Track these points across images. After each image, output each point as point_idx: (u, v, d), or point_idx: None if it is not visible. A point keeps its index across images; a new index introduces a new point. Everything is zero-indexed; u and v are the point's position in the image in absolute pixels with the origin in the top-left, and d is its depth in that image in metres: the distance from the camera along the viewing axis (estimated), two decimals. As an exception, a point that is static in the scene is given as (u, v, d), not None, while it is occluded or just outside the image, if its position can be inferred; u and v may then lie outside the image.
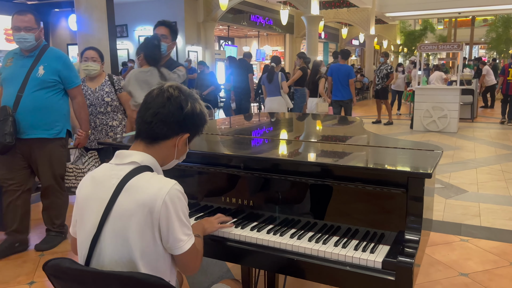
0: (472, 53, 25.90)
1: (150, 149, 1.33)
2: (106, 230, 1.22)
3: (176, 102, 1.30)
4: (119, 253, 1.20)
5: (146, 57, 3.09)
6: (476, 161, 6.20)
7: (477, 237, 3.48)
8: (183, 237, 1.24)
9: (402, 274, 1.38)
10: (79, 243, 1.30)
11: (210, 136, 2.50)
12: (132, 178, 1.23)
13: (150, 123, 1.30)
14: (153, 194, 1.20)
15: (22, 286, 2.79)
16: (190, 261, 1.31)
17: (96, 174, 1.32)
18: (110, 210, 1.21)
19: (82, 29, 4.93)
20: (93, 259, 1.24)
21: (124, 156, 1.30)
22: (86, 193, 1.29)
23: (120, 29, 13.08)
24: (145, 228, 1.20)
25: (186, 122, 1.33)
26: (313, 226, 1.70)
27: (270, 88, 6.57)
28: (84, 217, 1.28)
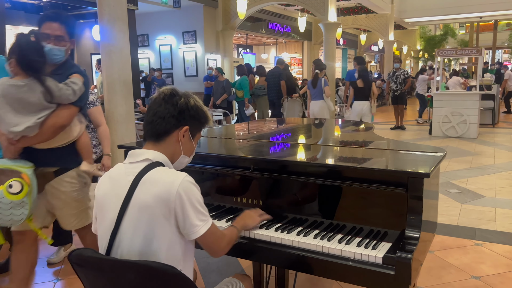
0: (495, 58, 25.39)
1: (158, 146, 1.46)
2: (124, 223, 1.34)
3: (170, 99, 1.47)
4: (137, 243, 1.32)
5: (20, 64, 2.10)
6: (495, 166, 6.14)
7: (492, 242, 3.47)
8: (198, 222, 1.36)
9: (401, 269, 1.45)
10: (100, 237, 1.42)
11: (225, 140, 2.61)
12: (146, 173, 1.36)
13: (152, 122, 1.45)
14: (167, 186, 1.32)
15: (47, 283, 2.94)
16: (212, 243, 1.44)
17: (112, 173, 1.46)
18: (128, 203, 1.34)
19: (105, 39, 5.12)
20: (112, 250, 1.36)
21: (137, 155, 1.44)
22: (104, 191, 1.42)
23: (142, 39, 13.43)
24: (161, 218, 1.32)
25: (181, 115, 1.46)
26: (319, 224, 1.78)
27: (314, 93, 7.08)
28: (103, 213, 1.41)
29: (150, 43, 13.56)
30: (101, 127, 3.03)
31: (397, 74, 9.85)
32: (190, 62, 12.82)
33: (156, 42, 13.44)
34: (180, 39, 12.96)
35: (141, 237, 1.32)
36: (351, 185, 1.71)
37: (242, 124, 4.32)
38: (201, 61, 12.68)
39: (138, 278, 1.20)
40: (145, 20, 12.75)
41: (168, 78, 13.09)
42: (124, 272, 1.21)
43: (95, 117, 3.00)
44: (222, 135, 2.89)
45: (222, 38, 13.05)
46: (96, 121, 3.02)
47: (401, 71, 9.87)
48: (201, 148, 2.39)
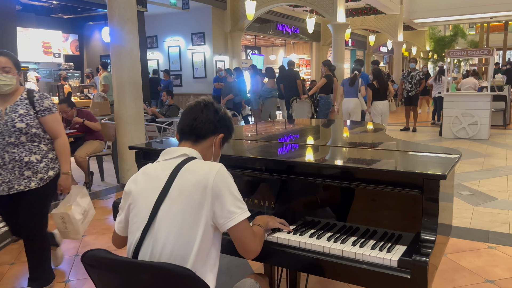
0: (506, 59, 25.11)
1: (194, 147, 1.53)
2: (160, 213, 1.36)
3: (212, 107, 1.58)
4: (172, 234, 1.33)
5: None
6: (507, 168, 6.06)
7: (505, 245, 3.42)
8: (237, 209, 1.39)
9: (417, 273, 1.42)
10: (131, 232, 1.43)
11: (235, 141, 2.60)
12: (185, 165, 1.42)
13: (192, 126, 1.53)
14: (205, 174, 1.38)
15: (59, 284, 2.95)
16: (248, 237, 1.44)
17: (148, 170, 1.49)
18: (166, 194, 1.37)
19: (115, 40, 5.16)
20: (143, 246, 1.36)
21: (173, 152, 1.49)
22: (141, 187, 1.44)
23: (151, 40, 13.49)
24: (196, 205, 1.35)
25: (220, 123, 1.57)
26: (333, 227, 1.76)
27: (349, 90, 7.55)
28: (138, 207, 1.42)
29: (159, 44, 13.63)
30: (58, 139, 2.68)
31: (412, 74, 9.70)
32: (198, 64, 12.86)
33: (165, 44, 13.51)
34: (188, 40, 13.01)
35: (176, 227, 1.34)
36: (364, 186, 1.69)
37: (251, 125, 4.31)
38: (209, 62, 12.71)
39: (152, 280, 1.19)
40: (154, 22, 12.82)
41: (177, 80, 13.14)
42: (138, 273, 1.20)
43: (51, 126, 2.63)
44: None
45: (231, 39, 13.07)
46: (53, 131, 2.65)
47: (417, 71, 9.74)
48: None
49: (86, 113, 5.39)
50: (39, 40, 10.51)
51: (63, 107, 5.23)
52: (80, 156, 5.19)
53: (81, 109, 5.44)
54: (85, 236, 3.81)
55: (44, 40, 10.69)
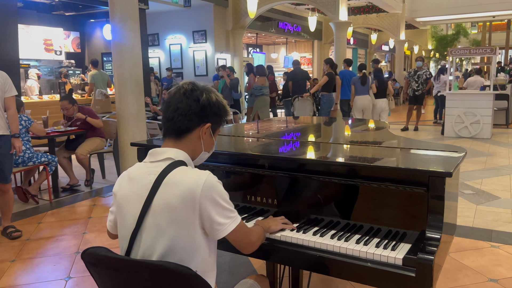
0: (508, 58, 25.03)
1: (179, 144, 1.41)
2: (146, 224, 1.30)
3: (192, 95, 1.40)
4: (158, 245, 1.28)
5: None
6: (510, 167, 6.03)
7: (509, 244, 3.40)
8: (225, 220, 1.32)
9: (422, 271, 1.40)
10: (120, 238, 1.38)
11: (237, 138, 2.58)
12: (169, 173, 1.32)
13: (172, 119, 1.39)
14: (191, 186, 1.27)
15: (59, 281, 2.94)
16: (242, 237, 1.40)
17: (132, 173, 1.40)
18: (150, 204, 1.30)
19: (116, 38, 5.13)
20: (133, 251, 1.32)
21: (158, 154, 1.38)
22: (125, 192, 1.38)
23: (152, 38, 13.46)
24: (184, 220, 1.27)
25: (204, 112, 1.41)
26: (336, 224, 1.74)
27: (361, 88, 7.93)
28: (123, 213, 1.36)
29: (161, 42, 13.60)
30: None
31: (419, 73, 9.59)
32: (200, 62, 12.83)
33: (166, 42, 13.48)
34: (190, 38, 12.98)
35: (163, 238, 1.28)
36: (368, 184, 1.67)
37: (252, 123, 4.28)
38: (211, 60, 12.68)
39: (153, 279, 1.17)
40: (155, 19, 12.79)
41: (178, 77, 13.10)
42: (139, 272, 1.18)
43: None
44: (235, 134, 2.85)
45: (232, 37, 13.04)
46: None
47: (424, 70, 9.61)
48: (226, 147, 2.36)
49: (88, 110, 5.38)
50: (40, 37, 10.49)
51: (64, 104, 5.22)
52: (81, 153, 5.17)
53: (83, 107, 5.43)
54: (87, 234, 3.80)
55: (46, 37, 10.67)
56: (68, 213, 4.43)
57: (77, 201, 4.89)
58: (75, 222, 4.14)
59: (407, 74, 10.34)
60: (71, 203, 4.80)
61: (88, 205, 4.73)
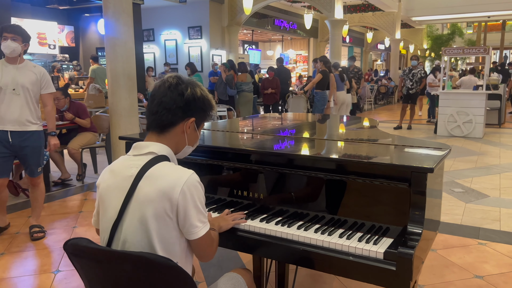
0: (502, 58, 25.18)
1: (162, 138, 1.41)
2: (127, 216, 1.31)
3: (176, 89, 1.39)
4: (138, 237, 1.29)
5: None
6: (500, 166, 6.08)
7: (496, 241, 3.43)
8: (199, 223, 1.32)
9: (403, 265, 1.42)
10: (102, 230, 1.39)
11: (227, 133, 2.59)
12: (151, 167, 1.32)
13: (156, 113, 1.39)
14: (172, 182, 1.28)
15: (47, 274, 2.94)
16: (206, 247, 1.40)
17: (115, 166, 1.41)
18: (131, 197, 1.30)
19: (109, 32, 5.11)
20: (113, 243, 1.33)
21: (142, 147, 1.39)
22: (107, 185, 1.38)
23: (147, 33, 13.42)
24: (163, 214, 1.28)
25: (188, 106, 1.40)
26: (321, 219, 1.76)
27: (341, 85, 8.60)
28: (105, 206, 1.37)
29: (156, 37, 13.57)
30: None
31: (414, 72, 9.62)
32: (195, 58, 12.81)
33: (162, 37, 13.44)
34: (185, 34, 12.95)
35: (142, 231, 1.29)
36: (353, 179, 1.69)
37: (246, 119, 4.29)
38: (206, 56, 12.66)
39: (134, 270, 1.18)
40: (150, 15, 12.74)
41: (173, 73, 13.06)
42: (120, 263, 1.19)
43: None
44: (225, 129, 2.87)
45: (228, 34, 13.02)
46: None
47: (418, 69, 9.65)
48: (202, 141, 2.37)
49: (78, 105, 5.34)
50: (34, 31, 10.43)
51: (57, 94, 5.18)
52: (73, 148, 5.16)
53: (74, 101, 5.39)
54: (77, 228, 3.80)
55: (39, 31, 10.62)
56: (58, 207, 4.42)
57: (68, 195, 4.88)
58: (65, 216, 4.14)
59: (401, 73, 10.37)
60: (62, 197, 4.79)
61: (79, 199, 4.72)
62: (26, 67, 3.41)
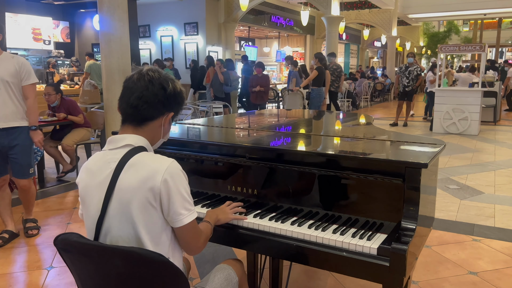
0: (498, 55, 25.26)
1: (138, 131, 1.38)
2: (111, 209, 1.29)
3: (158, 83, 1.36)
4: (124, 230, 1.28)
5: None
6: (495, 163, 6.10)
7: (490, 238, 3.44)
8: (183, 211, 1.31)
9: (396, 260, 1.42)
10: (87, 227, 1.37)
11: (221, 128, 2.57)
12: (131, 158, 1.31)
13: (136, 107, 1.35)
14: (152, 171, 1.26)
15: (40, 270, 2.92)
16: (192, 238, 1.38)
17: (92, 163, 1.38)
18: (113, 189, 1.28)
19: (104, 28, 5.08)
20: (100, 238, 1.32)
21: (117, 141, 1.36)
22: (85, 184, 1.36)
23: (143, 29, 13.35)
24: (146, 204, 1.26)
25: (169, 101, 1.39)
26: (315, 215, 1.75)
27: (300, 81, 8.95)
28: (86, 203, 1.36)
29: (152, 34, 13.50)
30: None
31: (410, 69, 9.61)
32: (191, 54, 12.77)
33: (158, 33, 13.38)
34: (181, 30, 12.90)
35: (128, 222, 1.28)
36: (347, 175, 1.68)
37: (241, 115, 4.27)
38: (202, 53, 12.62)
39: (125, 265, 1.17)
40: (146, 11, 12.68)
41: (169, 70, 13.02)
42: (111, 258, 1.18)
43: None
44: (218, 124, 2.85)
45: (224, 30, 12.98)
46: None
47: (415, 67, 9.65)
48: (196, 136, 2.35)
49: (69, 102, 5.28)
50: (28, 26, 10.34)
51: (48, 90, 5.13)
52: (67, 144, 5.13)
53: (65, 98, 5.32)
54: (71, 224, 3.78)
55: (34, 26, 10.53)
56: (53, 203, 4.40)
57: (62, 191, 4.85)
58: (60, 212, 4.12)
59: (398, 70, 10.35)
60: (57, 193, 4.76)
61: (74, 195, 4.70)
62: (4, 59, 3.18)
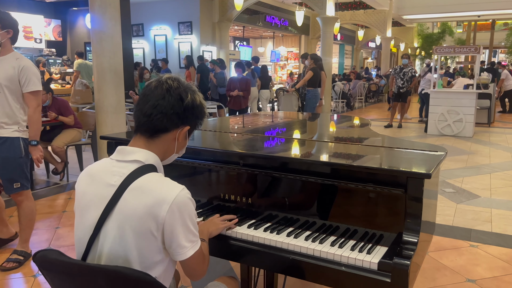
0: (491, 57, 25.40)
1: (151, 143, 1.29)
2: (107, 228, 1.20)
3: (176, 93, 1.27)
4: (117, 252, 1.19)
5: None
6: (490, 166, 6.07)
7: (487, 243, 3.39)
8: (187, 244, 1.21)
9: (398, 276, 1.35)
10: (77, 239, 1.27)
11: (215, 133, 2.49)
12: (137, 178, 1.20)
13: (150, 116, 1.26)
14: (160, 198, 1.17)
15: (28, 278, 2.82)
16: (196, 266, 1.29)
17: (95, 169, 1.28)
18: (113, 208, 1.19)
19: (96, 26, 4.96)
20: (89, 256, 1.23)
21: (127, 153, 1.26)
22: (85, 191, 1.27)
23: (136, 28, 13.21)
24: (146, 232, 1.17)
25: (186, 114, 1.30)
26: (311, 225, 1.67)
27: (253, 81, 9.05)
28: (83, 213, 1.26)
29: (145, 33, 13.37)
30: None
31: (404, 70, 9.57)
32: (185, 53, 12.64)
33: (151, 32, 13.25)
34: (175, 29, 12.78)
35: (122, 246, 1.18)
36: (345, 184, 1.60)
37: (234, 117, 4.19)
38: (196, 52, 12.50)
39: (109, 285, 1.08)
40: (140, 10, 12.55)
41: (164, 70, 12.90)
42: (94, 278, 1.09)
43: None
44: (212, 128, 2.77)
45: (219, 29, 12.88)
46: None
47: (409, 68, 9.61)
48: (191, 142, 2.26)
49: (61, 102, 5.17)
50: (19, 24, 10.17)
51: None
52: (57, 145, 5.01)
53: (56, 98, 5.22)
54: (59, 228, 3.68)
55: (25, 24, 10.37)
56: (41, 207, 4.28)
57: (52, 194, 4.74)
58: (48, 216, 4.01)
59: (392, 71, 10.30)
60: (46, 196, 4.65)
61: (63, 198, 4.59)
62: (7, 60, 2.89)
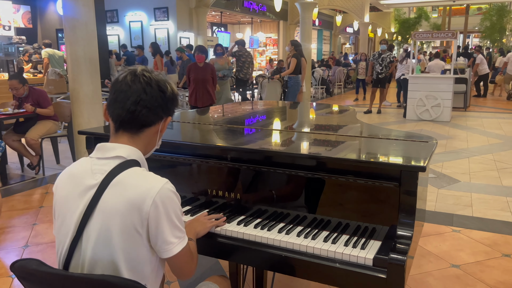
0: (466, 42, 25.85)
1: (135, 139, 1.23)
2: (89, 229, 1.13)
3: (157, 86, 1.22)
4: (101, 254, 1.12)
5: None
6: (468, 150, 6.18)
7: (469, 228, 3.45)
8: (173, 239, 1.16)
9: (394, 272, 1.32)
10: (58, 244, 1.20)
11: (200, 126, 2.41)
12: (119, 173, 1.14)
13: (134, 112, 1.19)
14: (142, 192, 1.12)
15: (4, 278, 2.71)
16: (184, 264, 1.23)
17: (75, 170, 1.21)
18: (94, 207, 1.12)
19: (68, 13, 4.75)
20: (72, 262, 1.15)
21: (108, 150, 1.20)
22: (65, 193, 1.19)
23: (110, 14, 12.82)
24: (131, 229, 1.11)
25: (168, 105, 1.26)
26: (303, 220, 1.63)
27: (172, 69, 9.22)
28: (63, 218, 1.18)
29: (120, 19, 12.99)
30: None
31: (383, 56, 9.60)
32: (162, 40, 12.36)
33: (126, 18, 12.88)
34: (151, 15, 12.45)
35: (106, 246, 1.11)
36: (336, 178, 1.56)
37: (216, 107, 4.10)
38: (173, 39, 12.24)
39: (94, 295, 1.01)
40: (114, -5, 12.15)
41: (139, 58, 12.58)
42: None
43: None
44: (195, 120, 2.68)
45: (196, 15, 12.62)
46: None
47: (388, 53, 9.64)
48: (173, 135, 2.18)
49: (39, 92, 4.98)
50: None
51: (14, 84, 4.81)
52: (32, 138, 4.82)
53: (34, 87, 5.02)
54: (37, 225, 3.55)
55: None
56: (17, 202, 4.13)
57: (28, 188, 4.58)
58: (24, 212, 3.86)
59: (371, 57, 10.32)
60: (21, 191, 4.48)
61: (40, 193, 4.43)
62: None
